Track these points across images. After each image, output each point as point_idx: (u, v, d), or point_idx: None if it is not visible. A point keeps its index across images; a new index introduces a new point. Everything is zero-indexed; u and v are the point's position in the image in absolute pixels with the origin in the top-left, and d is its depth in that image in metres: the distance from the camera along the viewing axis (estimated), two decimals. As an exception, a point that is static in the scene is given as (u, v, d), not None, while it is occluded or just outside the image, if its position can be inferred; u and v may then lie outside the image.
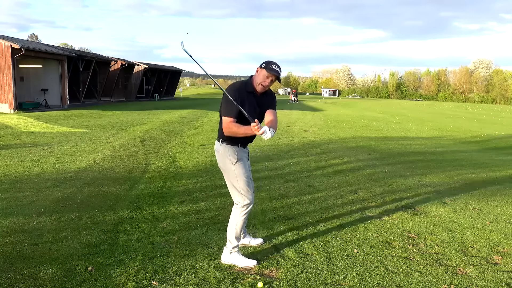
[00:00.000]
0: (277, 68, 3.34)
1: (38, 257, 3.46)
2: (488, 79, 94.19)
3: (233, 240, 3.48)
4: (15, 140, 10.38)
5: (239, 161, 3.46)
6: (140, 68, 36.53)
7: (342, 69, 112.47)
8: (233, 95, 3.27)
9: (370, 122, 19.67)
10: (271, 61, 3.36)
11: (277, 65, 3.36)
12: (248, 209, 3.50)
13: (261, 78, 3.33)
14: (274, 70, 3.31)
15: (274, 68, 3.31)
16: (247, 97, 3.35)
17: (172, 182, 6.21)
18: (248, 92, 3.37)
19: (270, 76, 3.32)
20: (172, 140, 10.57)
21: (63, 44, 68.46)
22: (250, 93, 3.38)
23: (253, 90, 3.38)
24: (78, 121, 15.78)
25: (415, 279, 3.29)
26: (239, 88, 3.37)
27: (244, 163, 3.52)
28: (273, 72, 3.30)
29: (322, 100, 59.97)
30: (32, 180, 6.13)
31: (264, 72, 3.32)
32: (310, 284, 3.16)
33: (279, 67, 3.36)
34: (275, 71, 3.31)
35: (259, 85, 3.35)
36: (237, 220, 3.49)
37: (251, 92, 3.38)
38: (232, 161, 3.44)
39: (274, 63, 3.35)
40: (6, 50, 19.37)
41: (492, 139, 14.93)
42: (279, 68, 3.36)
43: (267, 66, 3.32)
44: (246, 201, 3.46)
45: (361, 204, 5.34)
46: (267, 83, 3.33)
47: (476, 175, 7.46)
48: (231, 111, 3.27)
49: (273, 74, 3.31)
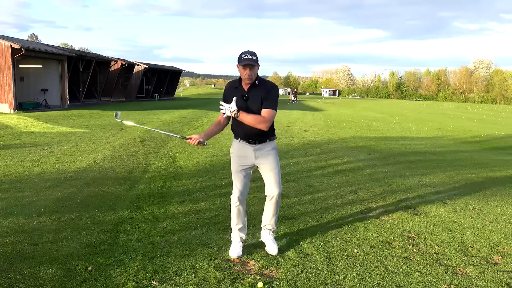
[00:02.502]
0: (247, 56, 3.37)
1: (38, 257, 3.46)
2: (488, 79, 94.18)
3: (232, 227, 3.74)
4: (15, 140, 10.38)
5: (233, 154, 3.67)
6: (140, 68, 36.54)
7: (342, 69, 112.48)
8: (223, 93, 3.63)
9: (370, 122, 19.67)
10: (241, 53, 3.42)
11: (248, 52, 3.40)
12: (233, 204, 3.65)
13: (241, 73, 3.42)
14: (245, 60, 3.35)
15: (244, 57, 3.36)
16: (232, 92, 3.52)
17: (172, 182, 6.21)
18: (234, 87, 3.55)
19: (246, 68, 3.36)
20: (172, 140, 10.56)
21: (63, 44, 68.44)
22: (235, 88, 3.54)
23: (238, 85, 3.53)
24: (78, 121, 15.78)
25: (415, 279, 3.29)
26: (227, 86, 3.68)
27: (237, 159, 3.63)
28: (245, 62, 3.34)
29: (322, 100, 59.96)
30: (32, 180, 6.13)
31: (239, 67, 3.40)
32: (310, 284, 3.16)
33: (249, 53, 3.39)
34: (246, 60, 3.34)
35: (244, 79, 3.44)
36: (230, 210, 3.73)
37: (236, 87, 3.53)
38: (230, 153, 3.73)
39: (244, 53, 3.40)
40: (6, 50, 19.37)
41: (492, 139, 14.93)
42: (250, 53, 3.39)
43: (239, 61, 3.39)
44: (232, 195, 3.68)
45: (361, 204, 5.34)
46: (247, 75, 3.38)
47: (476, 175, 7.46)
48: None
49: (245, 64, 3.34)
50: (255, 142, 3.56)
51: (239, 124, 3.50)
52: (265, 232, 3.81)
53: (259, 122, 3.40)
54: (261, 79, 3.52)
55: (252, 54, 3.39)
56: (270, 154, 3.60)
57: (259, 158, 3.59)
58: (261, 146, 3.58)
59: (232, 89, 3.56)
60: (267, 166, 3.59)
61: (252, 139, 3.55)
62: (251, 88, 3.47)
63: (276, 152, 3.67)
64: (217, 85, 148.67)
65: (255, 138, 3.55)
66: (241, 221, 3.68)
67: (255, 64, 3.36)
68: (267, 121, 3.41)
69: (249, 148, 3.58)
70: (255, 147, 3.57)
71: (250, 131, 3.48)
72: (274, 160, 3.60)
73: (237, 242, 3.68)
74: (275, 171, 3.59)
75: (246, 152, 3.59)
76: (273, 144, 3.66)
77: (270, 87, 3.51)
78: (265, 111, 3.43)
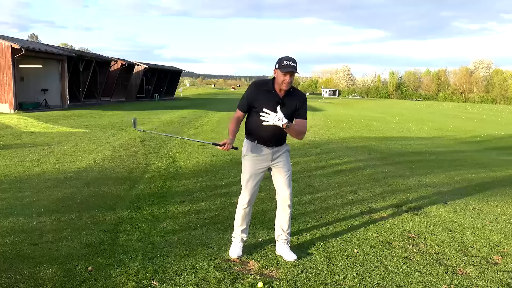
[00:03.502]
0: (290, 62, 3.29)
1: (38, 257, 3.46)
2: (488, 79, 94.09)
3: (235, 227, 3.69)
4: (15, 140, 10.38)
5: (248, 157, 3.55)
6: (140, 68, 36.52)
7: (342, 69, 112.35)
8: (248, 90, 3.48)
9: (370, 122, 19.67)
10: (282, 58, 3.34)
11: (289, 58, 3.32)
12: (241, 207, 3.59)
13: (280, 79, 3.33)
14: (287, 67, 3.27)
15: (287, 64, 3.28)
16: (264, 94, 3.40)
17: (172, 182, 6.21)
18: (266, 90, 3.41)
19: (286, 74, 3.29)
20: (172, 140, 10.56)
21: (63, 44, 68.38)
22: (268, 91, 3.41)
23: (271, 89, 3.40)
24: (78, 121, 15.77)
25: (415, 279, 3.29)
26: (256, 85, 3.50)
27: (254, 162, 3.52)
28: (287, 69, 3.27)
29: (322, 100, 59.94)
30: (32, 180, 6.13)
31: (279, 72, 3.31)
32: (310, 284, 3.16)
33: (291, 59, 3.31)
34: (288, 67, 3.27)
35: (281, 85, 3.34)
36: (236, 211, 3.66)
37: (269, 91, 3.40)
38: (243, 155, 3.60)
39: (285, 59, 3.32)
40: (6, 50, 19.37)
41: (492, 139, 14.93)
42: (292, 60, 3.31)
43: (279, 66, 3.31)
44: (242, 198, 3.59)
45: (361, 204, 5.34)
46: (287, 81, 3.31)
47: (476, 175, 7.46)
48: (239, 104, 3.50)
49: (287, 71, 3.27)
50: (273, 146, 3.52)
51: (261, 128, 3.37)
52: (280, 244, 3.65)
53: (302, 133, 3.41)
54: (293, 87, 3.46)
55: (294, 61, 3.31)
56: (284, 155, 3.58)
57: (275, 160, 3.55)
58: (278, 149, 3.55)
59: (263, 91, 3.42)
60: (280, 168, 3.56)
61: (271, 143, 3.50)
62: (286, 95, 3.40)
63: (289, 153, 3.67)
64: (217, 85, 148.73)
65: (275, 143, 3.51)
66: (245, 223, 3.66)
67: (295, 71, 3.30)
68: (305, 132, 3.47)
69: (267, 151, 3.52)
70: (273, 150, 3.53)
71: (270, 134, 3.41)
72: (286, 162, 3.59)
73: (237, 242, 3.67)
74: (288, 173, 3.57)
75: (264, 155, 3.52)
76: (287, 146, 3.65)
77: (304, 97, 3.53)
78: (303, 122, 3.42)
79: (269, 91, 3.40)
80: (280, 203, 3.62)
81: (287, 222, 3.60)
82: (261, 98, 3.38)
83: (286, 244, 3.64)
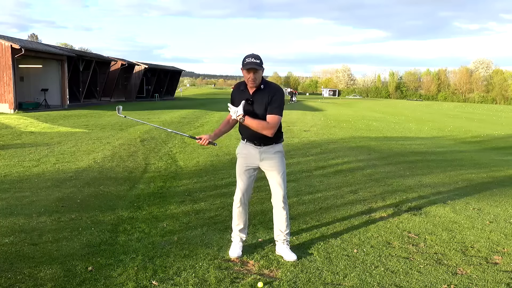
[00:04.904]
0: (251, 59, 3.32)
1: (38, 257, 3.46)
2: (488, 79, 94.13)
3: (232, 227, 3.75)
4: (15, 140, 10.38)
5: (239, 155, 3.67)
6: (140, 68, 36.54)
7: (342, 69, 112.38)
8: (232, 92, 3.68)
9: (370, 122, 19.67)
10: (245, 56, 3.38)
11: (252, 55, 3.36)
12: (235, 205, 3.67)
13: (245, 77, 3.40)
14: (249, 64, 3.31)
15: (248, 61, 3.32)
16: (239, 94, 3.54)
17: (172, 182, 6.21)
18: (241, 90, 3.54)
19: (249, 71, 3.34)
20: (172, 140, 10.57)
21: (63, 44, 68.41)
22: (242, 90, 3.53)
23: (244, 88, 3.52)
24: (78, 121, 15.78)
25: (415, 279, 3.29)
26: (236, 86, 3.67)
27: (242, 160, 3.62)
28: (248, 66, 3.31)
29: (322, 100, 59.95)
30: (32, 180, 6.13)
31: (244, 71, 3.37)
32: (310, 284, 3.16)
33: (254, 56, 3.35)
34: (249, 64, 3.31)
35: (248, 83, 3.43)
36: (232, 210, 3.73)
37: (242, 90, 3.53)
38: (236, 153, 3.74)
39: (248, 57, 3.36)
40: (6, 50, 19.37)
41: (492, 139, 14.92)
42: (254, 57, 3.34)
43: (242, 64, 3.37)
44: (235, 196, 3.68)
45: (361, 204, 5.34)
46: (251, 78, 3.36)
47: (476, 175, 7.46)
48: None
49: (249, 68, 3.31)
50: (261, 144, 3.54)
51: (245, 126, 3.48)
52: (280, 244, 3.66)
53: (263, 128, 3.38)
54: (266, 82, 3.47)
55: (256, 57, 3.34)
56: (275, 157, 3.56)
57: (264, 161, 3.56)
58: (267, 149, 3.55)
59: (239, 91, 3.55)
60: (271, 169, 3.57)
61: (257, 141, 3.53)
62: (256, 92, 3.44)
63: (282, 155, 3.63)
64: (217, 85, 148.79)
65: (260, 141, 3.52)
66: (242, 222, 3.67)
67: (259, 68, 3.31)
68: (271, 128, 3.38)
69: (255, 150, 3.56)
70: (260, 149, 3.55)
71: (255, 133, 3.46)
72: (278, 163, 3.57)
73: (237, 242, 3.68)
74: (280, 174, 3.56)
75: (251, 154, 3.57)
76: (279, 147, 3.62)
77: (274, 91, 3.44)
78: (270, 117, 3.40)
79: (243, 91, 3.52)
80: (274, 205, 3.65)
81: (284, 223, 3.62)
82: (237, 98, 3.53)
83: (286, 244, 3.65)
